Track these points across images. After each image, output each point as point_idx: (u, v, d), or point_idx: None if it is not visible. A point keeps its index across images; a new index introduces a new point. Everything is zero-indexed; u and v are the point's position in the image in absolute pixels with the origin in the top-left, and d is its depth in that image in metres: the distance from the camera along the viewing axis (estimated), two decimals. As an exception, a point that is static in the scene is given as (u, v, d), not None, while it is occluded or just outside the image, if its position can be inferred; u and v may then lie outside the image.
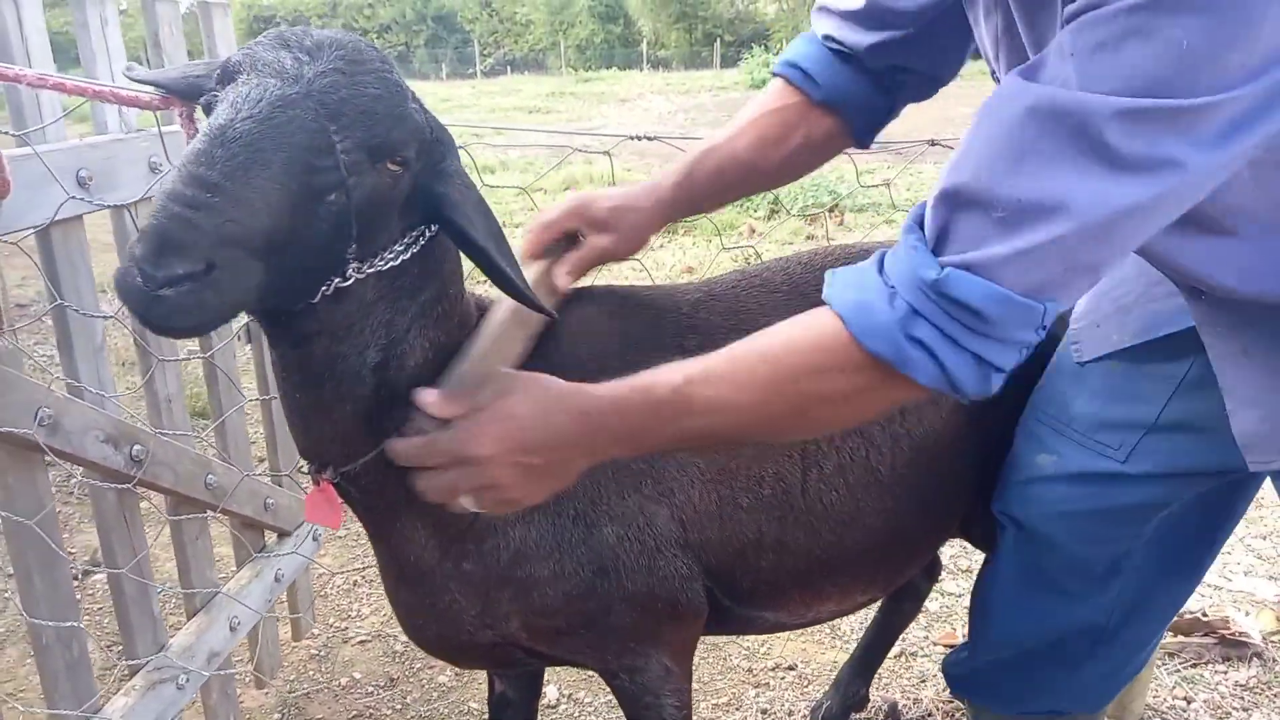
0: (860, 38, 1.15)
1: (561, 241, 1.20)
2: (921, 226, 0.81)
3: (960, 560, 2.52)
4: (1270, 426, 0.98)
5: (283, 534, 2.06)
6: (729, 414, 0.85)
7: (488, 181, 7.84)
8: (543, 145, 10.22)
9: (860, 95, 1.20)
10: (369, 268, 0.91)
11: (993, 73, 1.01)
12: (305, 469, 1.07)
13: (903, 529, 1.28)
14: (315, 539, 2.17)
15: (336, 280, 0.89)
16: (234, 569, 1.99)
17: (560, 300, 1.18)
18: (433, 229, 0.97)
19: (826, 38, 1.19)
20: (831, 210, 6.56)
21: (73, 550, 2.64)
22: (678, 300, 1.24)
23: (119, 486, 1.49)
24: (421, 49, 41.45)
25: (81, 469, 1.46)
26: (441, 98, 18.61)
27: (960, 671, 1.48)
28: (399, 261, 0.94)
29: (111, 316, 1.45)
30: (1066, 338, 1.25)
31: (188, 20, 1.71)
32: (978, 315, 0.76)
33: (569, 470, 0.91)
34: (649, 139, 1.64)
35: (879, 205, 6.59)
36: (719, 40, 33.65)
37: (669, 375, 0.86)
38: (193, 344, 1.80)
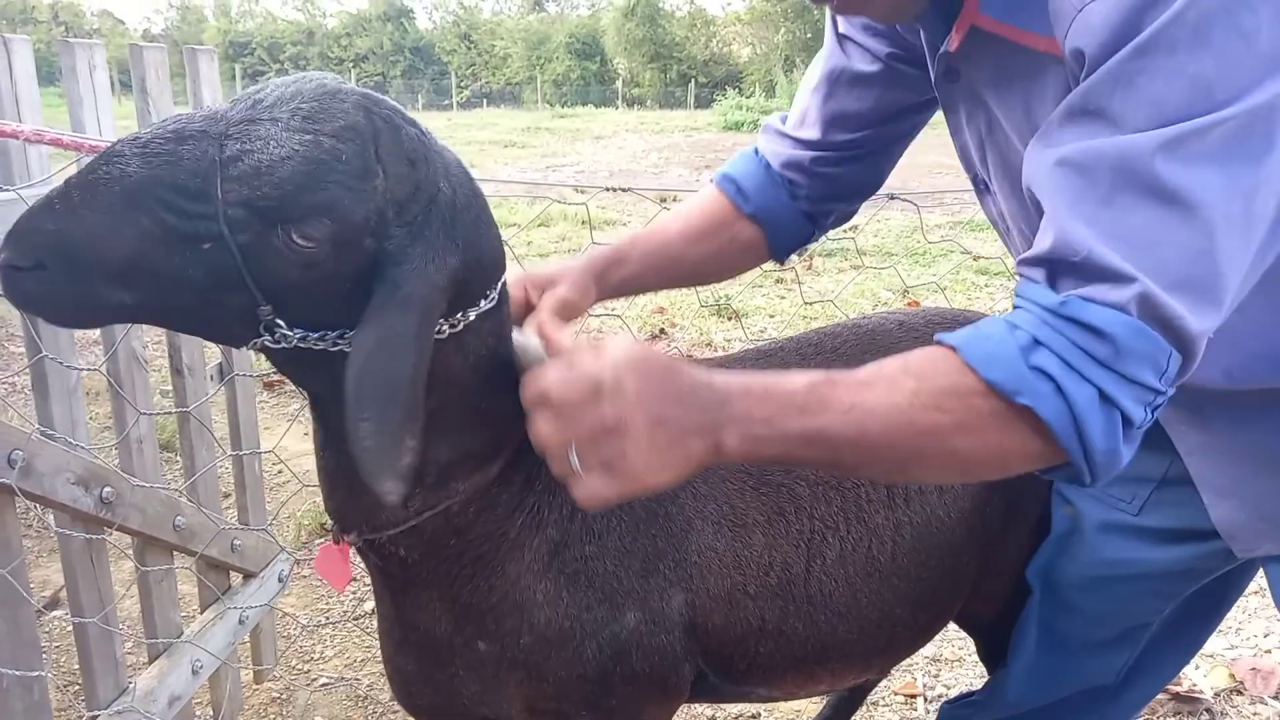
0: (800, 156, 1.26)
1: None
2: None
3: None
4: (1246, 515, 1.00)
5: (248, 575, 2.04)
6: (870, 418, 0.77)
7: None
8: (516, 183, 10.29)
9: (785, 218, 1.29)
10: (320, 341, 0.84)
11: (976, 180, 1.06)
12: (328, 526, 1.04)
13: (900, 619, 1.26)
14: (280, 580, 2.16)
15: (264, 338, 0.83)
16: (197, 609, 1.97)
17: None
18: (439, 330, 0.88)
19: (765, 161, 1.29)
20: (800, 253, 6.67)
21: (32, 585, 2.59)
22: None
23: (88, 535, 1.48)
24: (398, 79, 41.60)
25: (51, 510, 1.45)
26: (416, 129, 18.63)
27: None
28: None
29: (89, 369, 1.45)
30: None
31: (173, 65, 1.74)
32: (1104, 338, 0.72)
33: (688, 448, 0.79)
34: (623, 190, 1.69)
35: (846, 251, 6.71)
36: (693, 81, 34.19)
37: (802, 374, 0.80)
38: (169, 397, 1.79)
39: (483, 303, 0.91)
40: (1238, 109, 0.70)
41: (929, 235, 6.68)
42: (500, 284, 0.94)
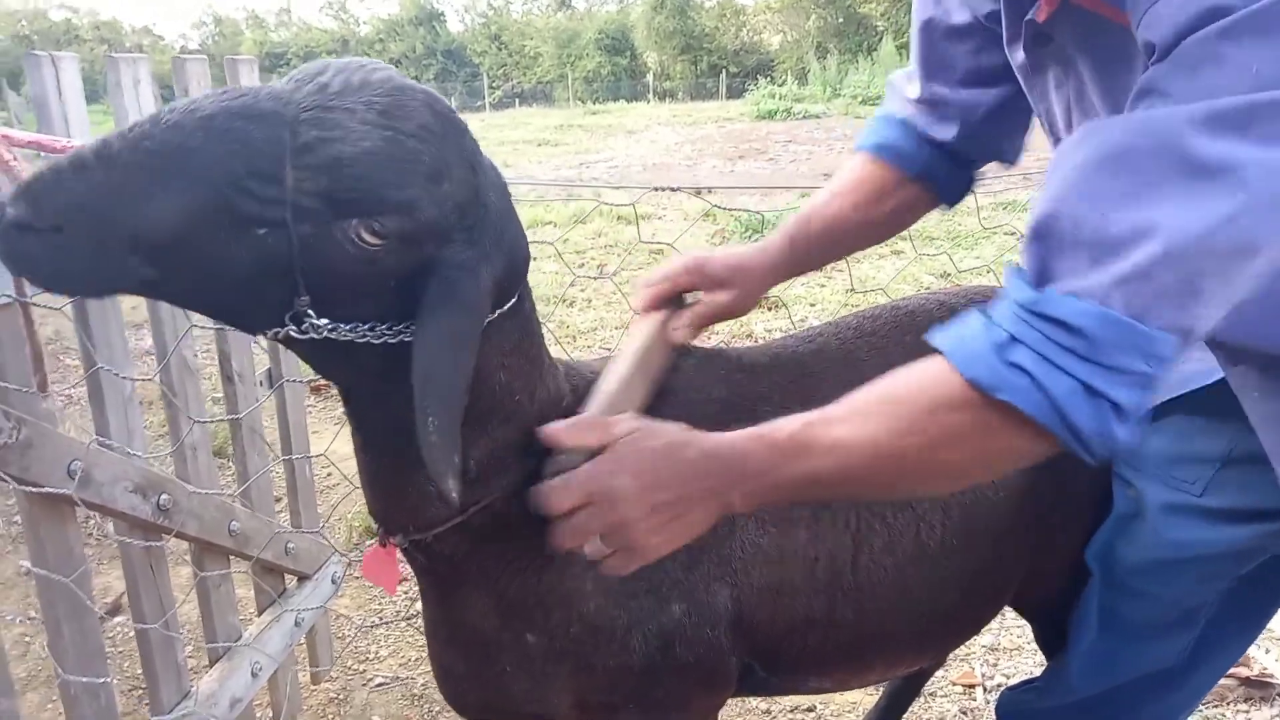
0: (934, 130, 1.25)
1: (675, 298, 1.22)
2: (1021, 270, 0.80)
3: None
4: None
5: (303, 578, 2.07)
6: (850, 454, 0.83)
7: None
8: (550, 180, 10.32)
9: (946, 170, 1.29)
10: (350, 332, 0.83)
11: (1056, 141, 1.02)
12: (374, 528, 1.06)
13: (952, 604, 1.25)
14: (334, 582, 2.18)
15: (290, 328, 0.81)
16: (254, 612, 2.00)
17: (675, 355, 1.19)
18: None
19: (907, 124, 1.28)
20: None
21: (94, 593, 2.65)
22: (785, 359, 1.23)
23: (147, 544, 1.51)
24: (432, 82, 41.96)
25: (111, 519, 1.48)
26: (451, 131, 18.77)
27: (1018, 710, 1.48)
28: (381, 341, 0.84)
29: (143, 379, 1.47)
30: None
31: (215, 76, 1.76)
32: (1076, 333, 0.73)
33: (698, 516, 0.89)
34: (672, 190, 1.68)
35: (887, 237, 6.61)
36: (724, 71, 34.02)
37: (789, 422, 0.86)
38: (220, 404, 1.82)
39: (509, 302, 0.92)
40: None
41: (971, 217, 6.56)
42: (524, 283, 0.95)
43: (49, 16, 55.89)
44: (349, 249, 0.77)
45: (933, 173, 1.28)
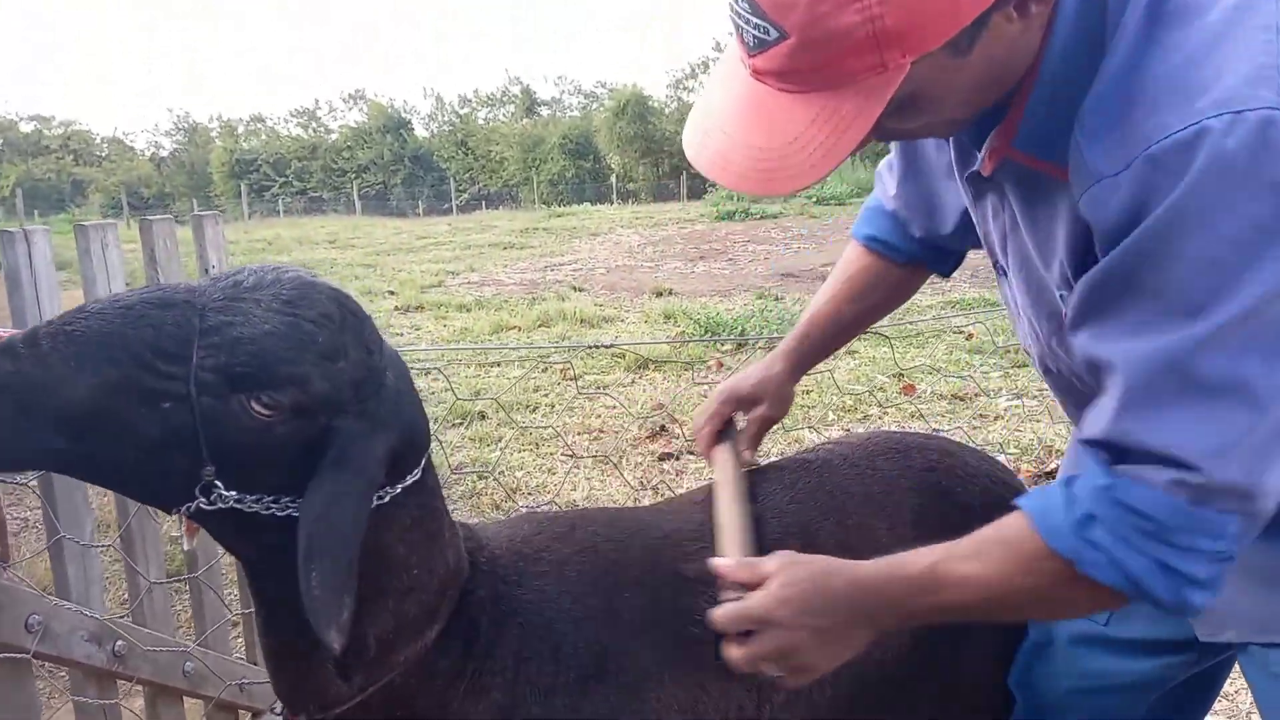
0: (912, 228, 1.36)
1: (725, 428, 1.39)
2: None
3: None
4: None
5: (256, 713, 2.08)
6: (970, 590, 0.91)
7: (460, 320, 8.05)
8: (514, 283, 10.50)
9: (934, 254, 1.40)
10: (255, 504, 0.89)
11: (997, 265, 1.11)
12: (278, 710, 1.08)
13: None
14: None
15: (200, 500, 0.87)
16: (208, 750, 2.00)
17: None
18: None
19: (893, 214, 1.38)
20: (796, 342, 6.77)
21: (42, 731, 2.60)
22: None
23: (102, 702, 1.53)
24: (399, 187, 42.78)
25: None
26: (418, 234, 19.10)
27: None
28: (285, 514, 0.90)
29: (103, 546, 1.53)
30: None
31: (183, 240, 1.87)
32: (1151, 520, 0.81)
33: (853, 637, 0.98)
34: (609, 346, 1.78)
35: (841, 336, 6.81)
36: (684, 173, 35.08)
37: (919, 556, 0.95)
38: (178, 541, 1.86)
39: (409, 478, 0.98)
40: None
41: (921, 314, 6.80)
42: (425, 459, 1.01)
43: (19, 128, 56.49)
44: (245, 420, 0.84)
45: (920, 257, 1.40)
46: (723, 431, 1.39)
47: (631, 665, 1.12)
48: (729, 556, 1.09)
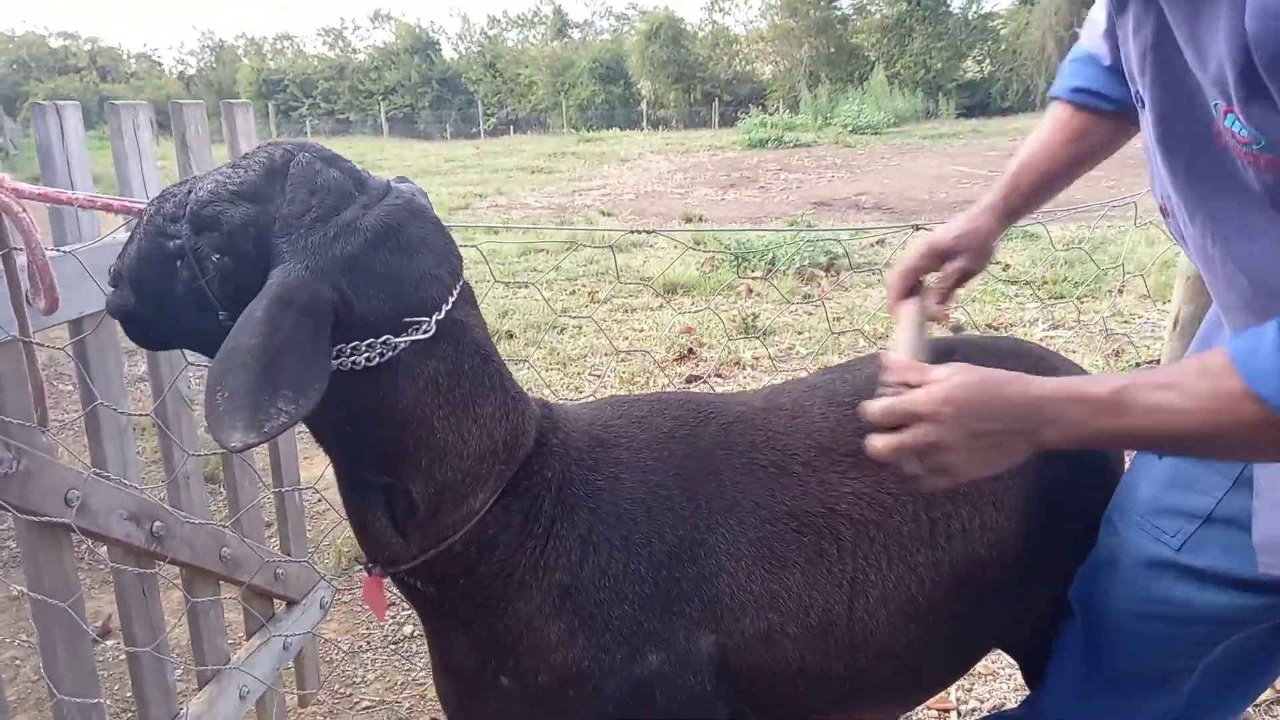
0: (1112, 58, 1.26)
1: (920, 283, 1.34)
2: None
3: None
4: None
5: (291, 603, 2.12)
6: (1164, 420, 0.87)
7: (491, 241, 8.01)
8: (541, 207, 10.42)
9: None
10: None
11: (1135, 94, 1.04)
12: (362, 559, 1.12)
13: (940, 657, 1.26)
14: (322, 607, 2.23)
15: None
16: (243, 636, 2.05)
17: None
18: (366, 356, 0.94)
19: (1094, 57, 1.30)
20: (828, 270, 6.69)
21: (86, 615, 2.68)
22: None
23: (140, 571, 1.56)
24: (426, 110, 42.28)
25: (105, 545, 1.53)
26: (445, 158, 18.99)
27: None
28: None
29: (137, 415, 1.53)
30: None
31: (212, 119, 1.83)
32: None
33: (1011, 447, 0.94)
34: (647, 232, 1.75)
35: (874, 264, 6.72)
36: (717, 100, 34.38)
37: (1105, 379, 0.91)
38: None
39: (411, 332, 0.95)
40: None
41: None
42: (435, 319, 0.97)
43: (48, 44, 56.22)
44: (208, 262, 0.94)
45: (1129, 102, 1.24)
46: (916, 286, 1.33)
47: (706, 557, 1.10)
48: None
